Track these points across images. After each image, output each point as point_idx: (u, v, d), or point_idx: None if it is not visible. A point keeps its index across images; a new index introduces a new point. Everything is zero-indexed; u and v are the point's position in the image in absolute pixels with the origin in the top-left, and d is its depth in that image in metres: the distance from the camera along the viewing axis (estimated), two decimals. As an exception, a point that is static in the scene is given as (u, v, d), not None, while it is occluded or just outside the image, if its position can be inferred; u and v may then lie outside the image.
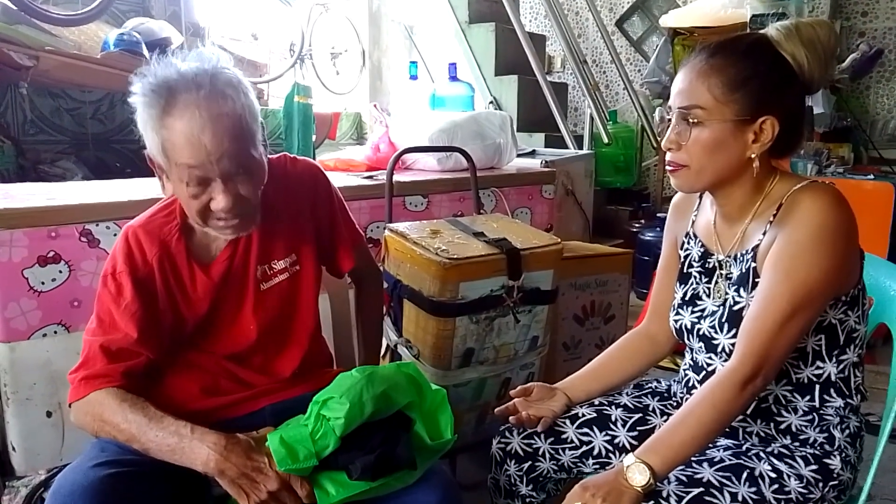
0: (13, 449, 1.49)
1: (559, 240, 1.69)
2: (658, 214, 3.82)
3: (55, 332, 1.50)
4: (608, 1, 4.86)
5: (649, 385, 1.32)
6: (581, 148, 3.91)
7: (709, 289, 1.16)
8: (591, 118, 3.99)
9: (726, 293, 1.12)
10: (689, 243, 1.22)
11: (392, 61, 5.46)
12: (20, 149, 3.15)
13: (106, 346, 1.06)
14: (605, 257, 2.19)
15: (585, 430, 1.22)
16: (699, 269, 1.18)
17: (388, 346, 1.68)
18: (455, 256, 1.50)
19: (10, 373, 1.46)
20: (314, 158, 2.33)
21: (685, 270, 1.21)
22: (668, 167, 1.10)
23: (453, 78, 2.94)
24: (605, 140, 3.94)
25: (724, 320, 1.09)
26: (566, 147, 3.80)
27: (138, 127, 1.03)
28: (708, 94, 1.02)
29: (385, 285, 1.64)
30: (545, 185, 2.46)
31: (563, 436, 1.22)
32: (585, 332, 2.19)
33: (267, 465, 0.98)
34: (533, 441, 1.23)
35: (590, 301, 2.16)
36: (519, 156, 2.84)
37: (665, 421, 1.13)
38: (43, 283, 1.49)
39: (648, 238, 3.67)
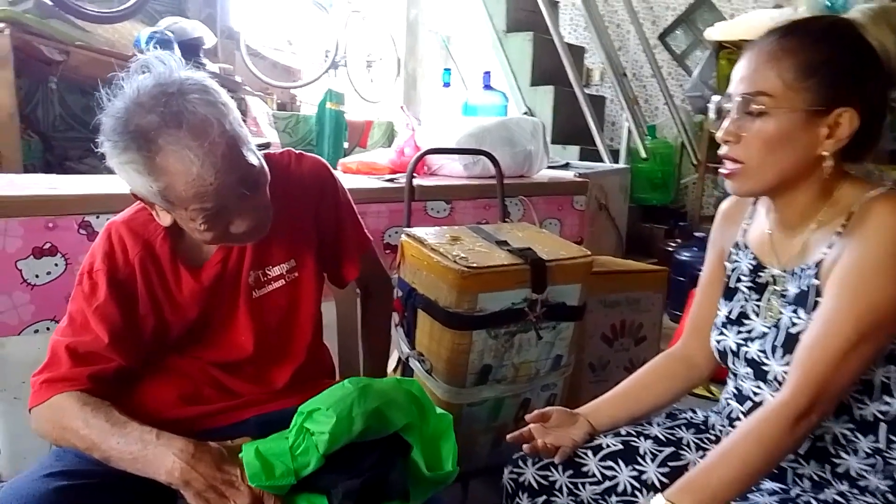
0: (-2, 451, 1.41)
1: (589, 252, 1.56)
2: (696, 234, 3.65)
3: (48, 329, 1.42)
4: (651, 14, 4.73)
5: (684, 415, 1.17)
6: (617, 162, 3.78)
7: (759, 307, 1.01)
8: (629, 132, 3.86)
9: (780, 313, 0.97)
10: (738, 254, 1.08)
11: (427, 71, 5.41)
12: (48, 144, 3.13)
13: (73, 347, 0.96)
14: (638, 274, 2.05)
15: (609, 462, 1.08)
16: (749, 283, 1.04)
17: (399, 358, 1.57)
18: (474, 265, 1.38)
19: (0, 370, 1.38)
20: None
21: (732, 285, 1.07)
22: (722, 168, 0.96)
23: (487, 86, 2.86)
24: (643, 155, 3.80)
25: (776, 344, 0.95)
26: (601, 161, 3.68)
27: (108, 163, 0.92)
28: (777, 80, 0.89)
29: (399, 294, 1.54)
30: (577, 196, 2.33)
31: (584, 468, 1.09)
32: (614, 353, 2.05)
33: (239, 479, 0.87)
34: (549, 473, 1.10)
35: (620, 320, 2.02)
36: (551, 167, 2.74)
37: (701, 457, 1.01)
38: (37, 277, 1.41)
39: (685, 258, 3.51)
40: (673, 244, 3.90)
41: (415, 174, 1.90)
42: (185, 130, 0.87)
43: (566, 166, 3.13)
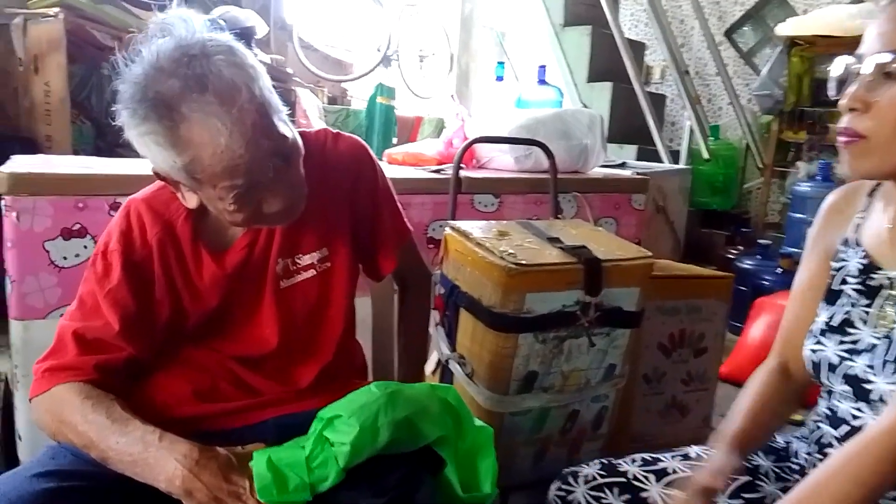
0: (19, 438, 1.36)
1: (650, 253, 1.43)
2: (759, 241, 3.44)
3: (75, 313, 1.37)
4: (718, 9, 4.51)
5: (761, 439, 1.03)
6: (676, 164, 3.60)
7: (868, 314, 0.86)
8: (691, 132, 3.68)
9: (894, 323, 0.83)
10: (846, 253, 0.92)
11: (480, 66, 5.31)
12: (100, 130, 3.14)
13: (81, 333, 0.88)
14: (701, 280, 1.90)
15: (674, 491, 0.94)
16: (858, 286, 0.89)
17: (438, 360, 1.46)
18: (523, 262, 1.26)
19: (22, 353, 1.34)
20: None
21: (836, 287, 0.92)
22: (840, 139, 0.81)
23: (542, 81, 2.74)
24: (705, 156, 3.62)
25: (888, 359, 0.80)
26: (660, 161, 3.52)
27: (126, 136, 0.83)
28: None
29: (441, 291, 1.43)
30: (636, 195, 2.18)
31: (644, 493, 0.95)
32: (671, 364, 1.90)
33: (247, 491, 0.77)
34: (603, 495, 0.97)
35: (679, 329, 1.87)
36: (607, 166, 2.60)
37: (781, 490, 0.88)
38: (65, 259, 1.36)
39: (747, 266, 3.31)
40: (734, 251, 3.69)
41: (462, 165, 1.79)
42: (210, 95, 0.78)
43: (622, 166, 2.98)
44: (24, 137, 2.60)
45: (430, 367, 1.45)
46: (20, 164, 1.42)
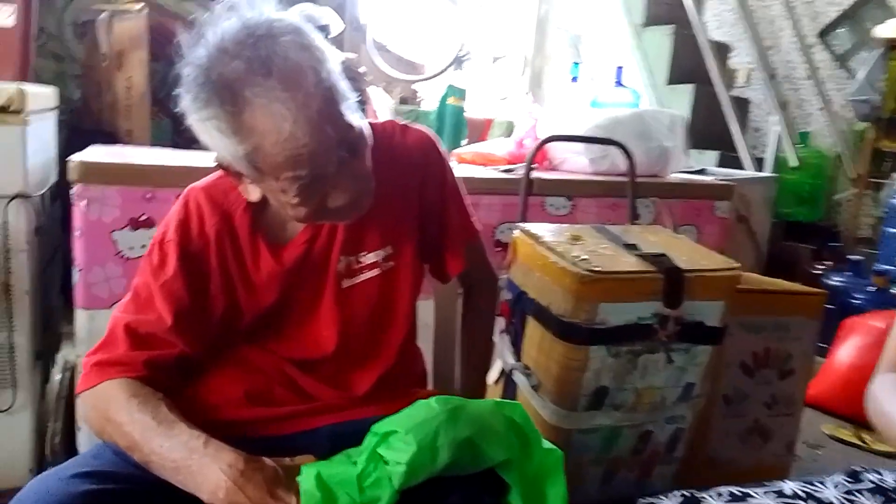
0: (79, 427, 1.37)
1: (737, 264, 1.31)
2: (850, 257, 3.21)
3: (139, 304, 1.37)
4: (810, 9, 4.26)
5: (867, 476, 0.91)
6: (761, 171, 3.41)
7: None
8: (778, 139, 3.47)
9: None
10: None
11: (553, 69, 5.20)
12: (178, 126, 3.21)
13: (133, 326, 0.85)
14: (790, 295, 1.75)
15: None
16: None
17: (502, 370, 1.39)
18: (597, 269, 1.18)
19: (86, 342, 1.34)
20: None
21: None
22: None
23: (618, 83, 2.64)
24: (793, 164, 3.41)
25: None
26: (742, 169, 3.34)
27: (188, 123, 0.80)
28: None
29: (508, 296, 1.36)
30: (719, 202, 2.05)
31: (726, 533, 0.86)
32: (754, 385, 1.76)
33: None
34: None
35: (764, 347, 1.73)
36: (684, 172, 2.46)
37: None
38: (132, 249, 1.36)
39: (836, 283, 3.09)
40: (821, 267, 3.46)
41: (534, 165, 1.71)
42: (274, 79, 0.73)
43: (702, 172, 2.84)
44: (105, 131, 2.68)
45: (493, 376, 1.38)
46: (92, 153, 1.43)
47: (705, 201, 2.02)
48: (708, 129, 3.64)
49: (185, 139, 3.02)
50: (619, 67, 2.68)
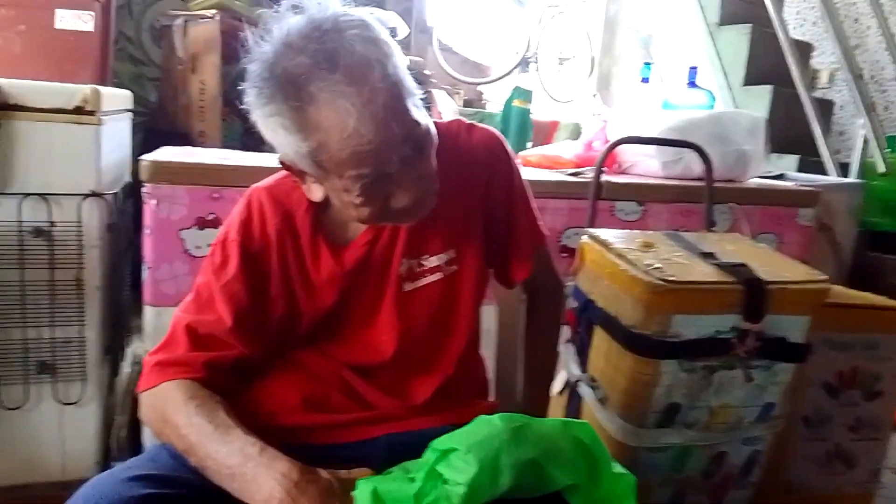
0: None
1: (824, 276, 1.22)
2: (942, 270, 2.99)
3: (204, 302, 1.38)
4: (900, 6, 4.01)
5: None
6: (845, 177, 3.22)
7: None
8: (865, 143, 3.27)
9: None
10: None
11: (622, 70, 5.07)
12: (248, 127, 3.28)
13: (193, 327, 0.85)
14: (881, 311, 1.63)
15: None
16: None
17: (566, 381, 1.34)
18: (671, 278, 1.11)
19: (153, 339, 1.36)
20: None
21: None
22: None
23: (692, 84, 2.53)
24: (881, 169, 3.21)
25: None
26: (825, 174, 3.16)
27: (252, 119, 0.79)
28: None
29: (574, 304, 1.30)
30: (802, 209, 1.92)
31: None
32: (838, 407, 1.64)
33: None
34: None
35: (850, 367, 1.62)
36: (763, 177, 2.34)
37: None
38: (198, 248, 1.37)
39: (926, 298, 2.88)
40: (909, 280, 3.25)
41: (603, 168, 1.65)
42: (340, 73, 0.71)
43: (781, 177, 2.70)
44: (180, 133, 2.76)
45: (556, 387, 1.33)
46: (164, 153, 1.46)
47: (787, 208, 1.91)
48: (787, 133, 3.47)
49: (254, 140, 3.09)
50: (693, 68, 2.57)
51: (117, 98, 1.61)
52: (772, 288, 1.15)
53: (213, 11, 2.69)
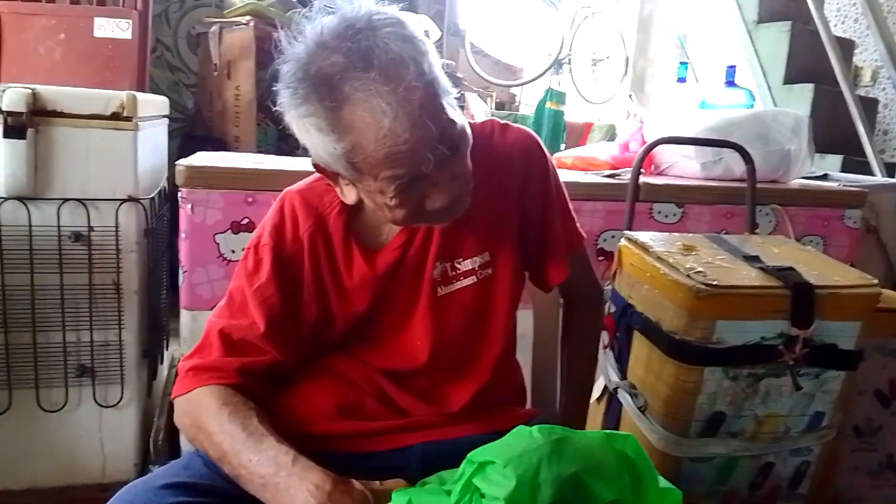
0: (180, 425, 1.39)
1: (875, 280, 1.17)
2: None
3: (238, 307, 1.38)
4: (949, -1, 3.88)
5: None
6: (893, 177, 3.12)
7: None
8: (912, 141, 3.17)
9: None
10: None
11: (657, 70, 5.00)
12: (283, 133, 3.31)
13: (227, 332, 0.84)
14: (935, 316, 1.55)
15: None
16: None
17: (605, 388, 1.30)
18: (714, 282, 1.08)
19: (189, 342, 1.37)
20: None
21: None
22: None
23: (730, 83, 2.47)
24: (928, 170, 3.09)
25: None
26: (871, 174, 3.06)
27: (286, 120, 0.78)
28: None
29: (612, 309, 1.27)
30: (849, 211, 1.86)
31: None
32: (889, 416, 1.58)
33: None
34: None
35: (903, 374, 1.55)
36: (807, 178, 2.27)
37: None
38: (233, 252, 1.38)
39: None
40: (961, 284, 3.12)
41: (641, 170, 1.61)
42: (375, 72, 0.70)
43: (824, 177, 2.62)
44: (215, 138, 2.80)
45: (594, 393, 1.30)
46: (199, 158, 1.47)
47: (834, 209, 1.84)
48: (830, 132, 3.38)
49: (289, 145, 3.11)
50: (732, 67, 2.51)
51: (154, 104, 1.63)
52: (821, 293, 1.10)
53: (248, 18, 2.72)
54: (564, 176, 0.99)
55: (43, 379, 1.43)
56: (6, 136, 1.31)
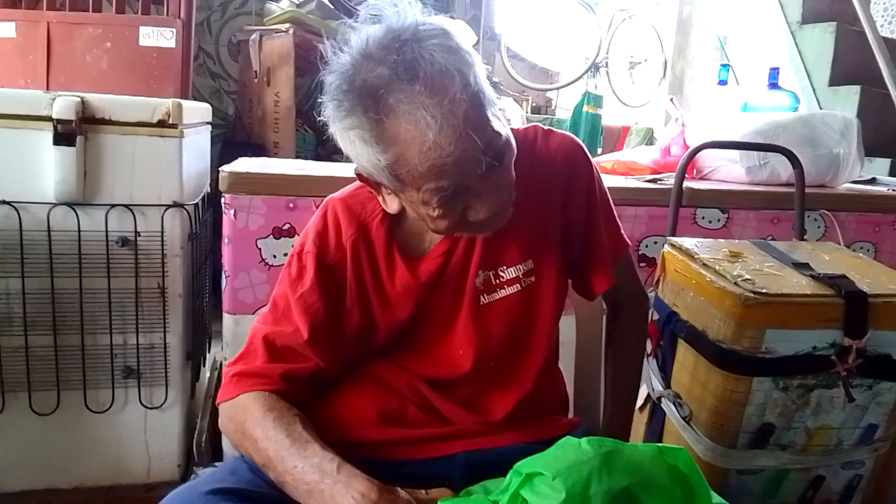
0: (223, 428, 1.41)
1: (933, 289, 1.13)
2: None
3: (280, 311, 1.40)
4: None
5: None
6: (944, 181, 3.01)
7: None
8: (965, 144, 3.05)
9: None
10: None
11: (697, 73, 4.92)
12: (321, 139, 3.34)
13: (271, 339, 0.85)
14: None
15: None
16: None
17: (648, 396, 1.28)
18: (763, 290, 1.05)
19: (232, 346, 1.39)
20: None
21: None
22: None
23: (773, 85, 2.41)
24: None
25: None
26: (922, 179, 2.95)
27: (330, 131, 0.78)
28: None
29: (655, 317, 1.25)
30: (903, 215, 1.80)
31: None
32: (946, 429, 1.51)
33: None
34: None
35: (959, 386, 1.49)
36: (854, 182, 2.20)
37: None
38: (274, 257, 1.39)
39: None
40: None
41: (685, 174, 1.58)
42: (420, 85, 0.69)
43: (872, 181, 2.53)
44: (256, 144, 2.83)
45: (637, 402, 1.28)
46: (241, 164, 1.49)
47: (886, 215, 1.78)
48: (878, 135, 3.27)
49: (327, 150, 3.13)
50: (775, 69, 2.45)
51: (197, 111, 1.65)
52: (875, 301, 1.07)
53: (287, 25, 2.75)
54: (605, 180, 0.98)
55: (90, 380, 1.46)
56: (56, 143, 1.35)
